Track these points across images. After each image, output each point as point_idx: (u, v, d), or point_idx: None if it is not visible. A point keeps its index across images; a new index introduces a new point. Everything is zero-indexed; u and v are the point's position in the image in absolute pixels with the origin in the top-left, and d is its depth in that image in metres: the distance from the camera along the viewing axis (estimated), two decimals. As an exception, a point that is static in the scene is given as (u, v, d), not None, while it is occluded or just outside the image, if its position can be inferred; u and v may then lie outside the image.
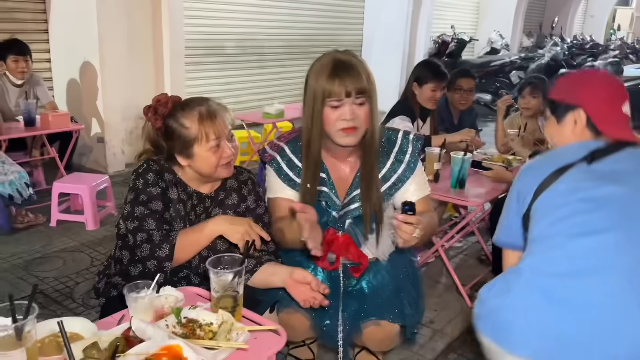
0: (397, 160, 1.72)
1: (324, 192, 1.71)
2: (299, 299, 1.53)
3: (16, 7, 4.95)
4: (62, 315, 2.67)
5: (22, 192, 3.53)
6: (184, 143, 1.62)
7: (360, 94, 1.56)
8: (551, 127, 1.59)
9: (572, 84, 1.55)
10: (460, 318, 2.76)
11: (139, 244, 1.61)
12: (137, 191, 1.63)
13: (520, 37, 12.58)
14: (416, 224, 1.43)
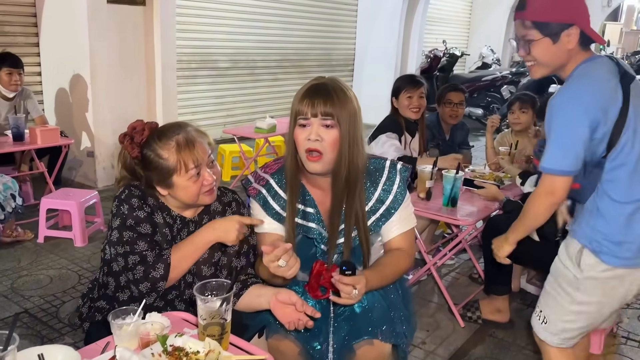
0: (385, 191, 1.68)
1: (311, 228, 1.67)
2: (283, 321, 1.49)
3: (6, 20, 4.93)
4: (47, 336, 2.63)
5: (5, 205, 3.46)
6: (162, 174, 1.57)
7: (328, 116, 1.53)
8: (544, 47, 1.66)
9: (560, 3, 1.64)
10: (453, 338, 2.73)
11: (131, 267, 1.56)
12: (122, 217, 1.59)
13: (511, 52, 12.69)
14: (354, 284, 1.44)
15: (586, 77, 1.65)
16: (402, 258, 1.70)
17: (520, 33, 1.71)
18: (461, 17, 12.38)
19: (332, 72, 8.87)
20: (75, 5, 4.72)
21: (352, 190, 1.62)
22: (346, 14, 8.85)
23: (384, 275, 1.63)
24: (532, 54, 1.69)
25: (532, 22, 1.66)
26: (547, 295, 1.89)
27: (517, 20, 1.71)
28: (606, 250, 1.69)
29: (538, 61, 1.71)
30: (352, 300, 1.47)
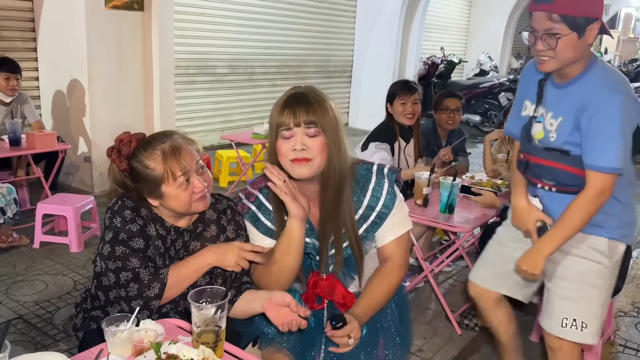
0: (374, 197, 1.66)
1: (307, 243, 1.65)
2: (277, 322, 1.47)
3: (4, 25, 4.93)
4: (42, 342, 2.61)
5: (6, 209, 3.47)
6: (151, 185, 1.56)
7: (311, 124, 1.52)
8: (570, 42, 1.63)
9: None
10: (450, 346, 2.72)
11: (123, 283, 1.53)
12: (115, 230, 1.56)
13: (509, 59, 12.76)
14: (347, 334, 1.50)
15: (625, 79, 1.73)
16: (394, 273, 1.68)
17: (543, 26, 1.64)
18: (459, 24, 12.43)
19: (330, 78, 8.89)
20: (74, 10, 4.72)
21: (340, 198, 1.60)
22: (344, 20, 8.88)
23: (377, 301, 1.64)
24: (557, 48, 1.63)
25: (561, 15, 1.60)
26: (575, 302, 1.85)
27: (539, 13, 1.63)
28: (626, 233, 1.85)
29: (558, 56, 1.65)
30: (350, 348, 1.52)
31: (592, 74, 1.70)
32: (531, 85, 1.88)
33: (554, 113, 1.78)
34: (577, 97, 1.71)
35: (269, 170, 1.54)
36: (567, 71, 1.73)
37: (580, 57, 1.69)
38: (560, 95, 1.77)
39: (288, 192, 1.53)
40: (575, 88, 1.73)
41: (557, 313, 1.87)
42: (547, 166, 1.81)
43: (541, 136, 1.82)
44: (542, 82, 1.83)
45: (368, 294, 1.64)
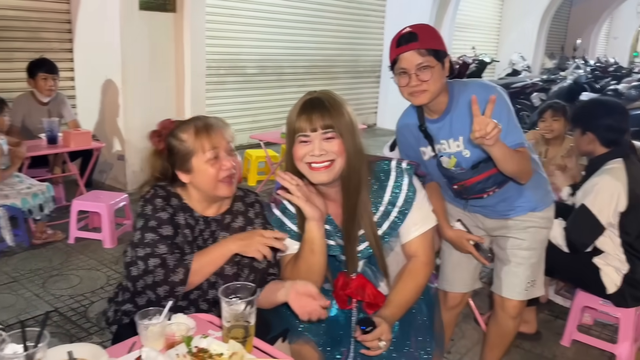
0: (394, 193, 1.67)
1: (331, 246, 1.67)
2: (300, 312, 1.49)
3: (41, 26, 5.08)
4: (76, 335, 2.69)
5: (44, 206, 3.59)
6: (182, 157, 1.63)
7: (328, 128, 1.54)
8: (439, 73, 1.80)
9: None
10: (478, 349, 2.69)
11: (151, 269, 1.58)
12: (146, 217, 1.62)
13: (542, 59, 12.53)
14: (377, 337, 1.49)
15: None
16: (420, 271, 1.68)
17: (414, 62, 1.77)
18: (491, 23, 12.27)
19: (359, 78, 8.88)
20: (109, 11, 4.84)
21: (358, 199, 1.62)
22: (374, 20, 8.86)
23: (405, 300, 1.64)
24: (430, 79, 1.78)
25: (427, 50, 1.77)
26: (534, 266, 2.17)
27: (408, 52, 1.77)
28: (551, 196, 2.20)
29: (431, 87, 1.79)
30: (381, 350, 1.52)
31: (457, 92, 1.89)
32: (414, 136, 2.04)
33: (452, 138, 1.93)
34: (462, 114, 1.85)
35: (280, 177, 1.57)
36: (436, 104, 1.89)
37: (443, 88, 1.85)
38: (443, 125, 1.93)
39: (301, 195, 1.55)
40: (456, 110, 1.89)
41: (522, 279, 2.12)
42: (484, 179, 1.95)
43: (454, 162, 1.97)
44: (421, 127, 1.98)
45: (395, 294, 1.64)
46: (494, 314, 2.25)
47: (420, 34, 1.76)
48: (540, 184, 2.08)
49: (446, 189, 2.12)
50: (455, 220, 2.13)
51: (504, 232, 2.13)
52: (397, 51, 1.78)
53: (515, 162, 1.79)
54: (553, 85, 9.49)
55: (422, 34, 1.77)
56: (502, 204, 2.06)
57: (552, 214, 2.16)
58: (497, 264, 2.20)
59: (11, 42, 4.87)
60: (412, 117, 2.01)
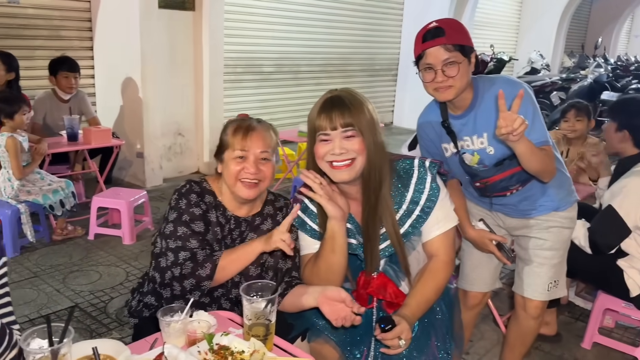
0: (417, 191, 1.66)
1: (352, 244, 1.67)
2: (331, 317, 1.49)
3: (63, 25, 5.13)
4: (96, 330, 2.71)
5: (65, 202, 3.63)
6: (221, 147, 1.72)
7: (348, 126, 1.54)
8: (465, 68, 1.79)
9: None
10: (497, 350, 2.67)
11: (181, 262, 1.61)
12: (179, 211, 1.66)
13: (561, 57, 12.36)
14: (398, 335, 1.48)
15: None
16: (441, 271, 1.66)
17: (441, 58, 1.75)
18: (510, 21, 12.14)
19: (375, 76, 8.85)
20: (128, 10, 4.88)
21: (379, 197, 1.61)
22: (392, 18, 8.81)
23: (426, 300, 1.62)
24: (457, 75, 1.77)
25: (454, 45, 1.75)
26: (556, 266, 2.14)
27: (434, 48, 1.75)
28: (575, 195, 2.18)
29: (457, 83, 1.79)
30: (401, 349, 1.51)
31: (482, 88, 1.87)
32: (435, 132, 2.03)
33: (476, 134, 1.92)
34: (487, 110, 1.84)
35: (304, 174, 1.57)
36: (460, 99, 1.87)
37: (468, 83, 1.84)
38: (467, 121, 1.92)
39: (323, 194, 1.55)
40: (481, 107, 1.87)
41: (544, 280, 2.09)
42: (507, 176, 1.93)
43: (477, 159, 1.95)
44: (444, 123, 1.96)
45: (416, 293, 1.63)
46: (515, 314, 2.22)
47: (447, 29, 1.74)
48: (563, 183, 2.06)
49: (468, 187, 2.10)
50: (478, 219, 2.11)
51: (525, 232, 2.11)
52: (423, 46, 1.77)
53: (539, 159, 1.76)
54: (573, 84, 9.37)
55: (448, 28, 1.75)
56: (524, 203, 2.04)
57: (575, 213, 2.12)
58: (518, 264, 2.18)
59: (33, 40, 4.93)
60: (434, 112, 2.00)
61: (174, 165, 5.65)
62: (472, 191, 2.11)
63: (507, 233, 2.19)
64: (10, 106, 3.47)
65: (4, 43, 4.66)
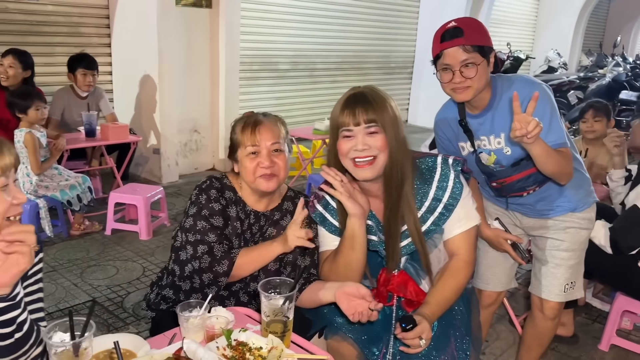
0: (440, 188, 1.65)
1: (372, 241, 1.67)
2: (348, 312, 1.49)
3: (81, 22, 5.19)
4: (113, 324, 2.74)
5: (82, 197, 3.67)
6: (233, 146, 1.74)
7: (371, 122, 1.54)
8: (484, 69, 1.78)
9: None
10: (513, 350, 2.65)
11: (199, 255, 1.64)
12: (199, 205, 1.69)
13: (579, 56, 12.21)
14: (418, 335, 1.48)
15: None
16: (461, 270, 1.66)
17: (459, 59, 1.74)
18: (527, 19, 12.02)
19: (391, 74, 8.81)
20: (146, 7, 4.92)
21: (401, 195, 1.61)
22: (407, 15, 8.77)
23: (446, 299, 1.62)
24: (475, 76, 1.76)
25: (472, 46, 1.74)
26: (573, 267, 2.10)
27: (453, 48, 1.74)
28: (593, 196, 2.14)
29: (475, 84, 1.77)
30: (422, 349, 1.50)
31: (501, 88, 1.86)
32: (452, 131, 2.02)
33: (493, 134, 1.90)
34: (505, 110, 1.81)
35: (325, 171, 1.58)
36: (478, 99, 1.85)
37: (487, 83, 1.83)
38: (484, 121, 1.90)
39: (344, 191, 1.55)
40: (499, 107, 1.86)
41: (560, 281, 2.07)
42: (524, 177, 1.91)
43: (493, 159, 1.94)
44: (461, 121, 1.95)
45: (436, 293, 1.62)
46: (532, 315, 2.21)
47: (466, 29, 1.73)
48: (581, 183, 2.03)
49: (484, 186, 2.09)
50: (494, 218, 2.10)
51: (542, 232, 2.09)
52: (441, 46, 1.76)
53: (555, 162, 1.74)
54: (590, 83, 9.25)
55: (467, 29, 1.73)
56: (541, 203, 2.02)
57: (593, 214, 2.10)
58: (535, 265, 2.16)
59: (52, 36, 4.99)
60: (452, 110, 1.99)
61: (190, 161, 5.69)
62: (488, 190, 2.10)
63: (524, 232, 2.17)
64: (24, 101, 3.50)
65: (24, 39, 4.72)
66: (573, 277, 2.09)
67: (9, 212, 1.18)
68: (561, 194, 1.99)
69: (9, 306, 1.17)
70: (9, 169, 1.19)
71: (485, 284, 2.27)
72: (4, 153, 1.18)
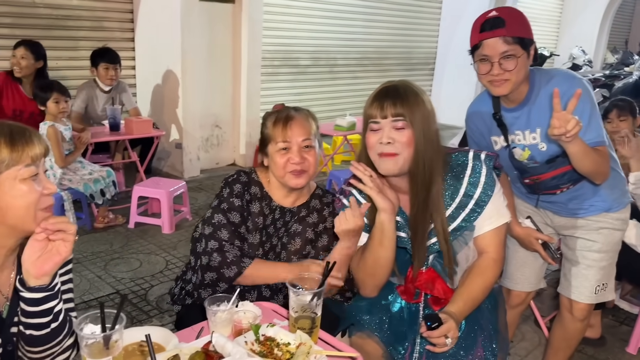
0: (471, 184, 1.62)
1: (402, 238, 1.64)
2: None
3: (105, 16, 5.23)
4: (137, 317, 2.76)
5: (105, 191, 3.70)
6: (263, 141, 1.74)
7: (399, 116, 1.51)
8: (524, 62, 1.74)
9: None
10: (538, 352, 2.61)
11: (209, 251, 1.64)
12: (220, 199, 1.70)
13: (604, 53, 11.99)
14: (444, 334, 1.45)
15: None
16: (490, 268, 1.63)
17: (499, 50, 1.71)
18: (551, 15, 11.82)
19: (412, 70, 8.74)
20: (169, 2, 4.94)
21: (429, 194, 1.58)
22: (430, 11, 8.69)
23: (473, 298, 1.59)
24: (515, 69, 1.72)
25: (513, 37, 1.70)
26: (605, 269, 2.04)
27: (493, 39, 1.71)
28: (628, 196, 2.09)
29: (514, 77, 1.73)
30: (448, 348, 1.48)
31: (539, 82, 1.81)
32: (485, 124, 1.97)
33: (529, 129, 1.86)
34: (543, 105, 1.77)
35: (354, 166, 1.56)
36: (516, 92, 1.80)
37: (525, 77, 1.78)
38: (520, 115, 1.86)
39: (374, 186, 1.54)
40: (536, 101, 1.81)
41: (592, 283, 2.02)
42: (559, 174, 1.86)
43: (527, 155, 1.89)
44: (495, 115, 1.90)
45: (463, 291, 1.60)
46: (560, 316, 2.16)
47: (508, 20, 1.69)
48: (617, 183, 1.98)
49: (515, 182, 2.05)
50: (525, 217, 2.06)
51: (573, 232, 2.04)
52: (480, 36, 1.71)
53: (592, 161, 1.70)
54: (616, 81, 9.07)
55: (509, 19, 1.69)
56: (574, 202, 1.97)
57: (627, 215, 2.04)
58: (565, 265, 2.11)
59: (76, 31, 5.03)
60: (486, 103, 1.94)
61: (211, 156, 5.71)
62: (519, 187, 2.06)
63: (555, 232, 2.13)
64: (44, 93, 3.53)
65: (49, 33, 4.77)
66: (605, 278, 2.03)
67: (40, 203, 1.19)
68: (595, 193, 1.94)
69: (48, 296, 1.18)
70: (39, 159, 1.19)
71: (514, 283, 2.23)
72: (34, 142, 1.18)
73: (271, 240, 1.74)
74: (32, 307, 1.17)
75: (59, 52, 4.41)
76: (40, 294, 1.17)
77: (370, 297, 1.68)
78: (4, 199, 1.15)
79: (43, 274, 1.16)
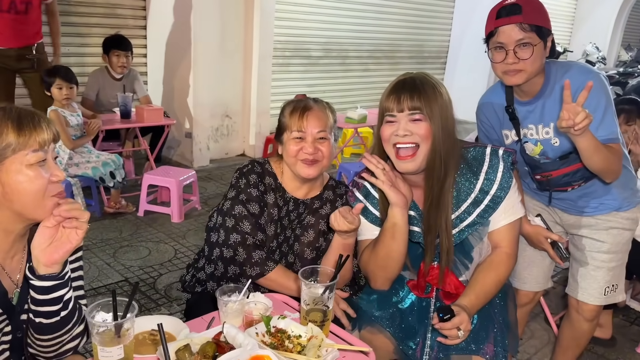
0: (488, 180, 1.59)
1: (415, 232, 1.63)
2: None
3: (118, 3, 5.20)
4: (145, 305, 2.77)
5: (115, 173, 3.70)
6: (280, 129, 1.73)
7: (415, 110, 1.49)
8: (540, 52, 1.70)
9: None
10: (548, 350, 2.59)
11: (231, 244, 1.63)
12: (238, 189, 1.69)
13: (618, 51, 11.86)
14: (457, 326, 1.44)
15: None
16: (503, 263, 1.61)
17: (515, 38, 1.68)
18: (565, 11, 11.69)
19: (424, 63, 8.67)
20: (182, -10, 4.91)
21: (442, 189, 1.56)
22: (443, 4, 8.60)
23: (486, 291, 1.57)
24: (531, 58, 1.69)
25: (530, 25, 1.67)
26: (615, 269, 2.00)
27: (509, 26, 1.68)
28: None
29: (529, 67, 1.70)
30: (460, 340, 1.47)
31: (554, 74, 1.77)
32: (497, 117, 1.94)
33: (542, 123, 1.81)
34: (558, 99, 1.72)
35: (367, 159, 1.54)
36: (530, 84, 1.77)
37: (541, 68, 1.74)
38: (534, 108, 1.82)
39: (386, 180, 1.52)
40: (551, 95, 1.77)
41: (600, 284, 1.98)
42: (572, 171, 1.82)
43: (539, 150, 1.85)
44: (508, 108, 1.86)
45: (475, 285, 1.58)
46: (569, 316, 2.13)
47: (525, 7, 1.66)
48: (628, 182, 1.94)
49: (526, 178, 2.01)
50: (535, 214, 2.03)
51: (582, 231, 2.00)
52: (496, 23, 1.68)
53: (602, 158, 1.66)
54: (630, 79, 8.95)
55: (527, 6, 1.66)
56: (583, 199, 1.94)
57: (637, 215, 2.00)
58: (573, 265, 2.07)
59: (89, 17, 5.02)
60: (498, 95, 1.91)
61: (221, 146, 5.70)
62: (528, 182, 2.03)
63: (564, 230, 2.10)
64: (48, 78, 3.54)
65: (61, 19, 4.75)
66: (614, 279, 1.99)
67: (49, 190, 1.16)
68: (607, 192, 1.90)
69: (57, 284, 1.17)
70: (47, 144, 1.16)
71: (522, 283, 2.20)
72: (42, 127, 1.16)
73: (285, 232, 1.74)
74: (42, 295, 1.16)
75: (70, 38, 4.39)
76: (50, 282, 1.16)
77: (381, 289, 1.67)
78: (10, 184, 1.12)
79: (53, 262, 1.15)
